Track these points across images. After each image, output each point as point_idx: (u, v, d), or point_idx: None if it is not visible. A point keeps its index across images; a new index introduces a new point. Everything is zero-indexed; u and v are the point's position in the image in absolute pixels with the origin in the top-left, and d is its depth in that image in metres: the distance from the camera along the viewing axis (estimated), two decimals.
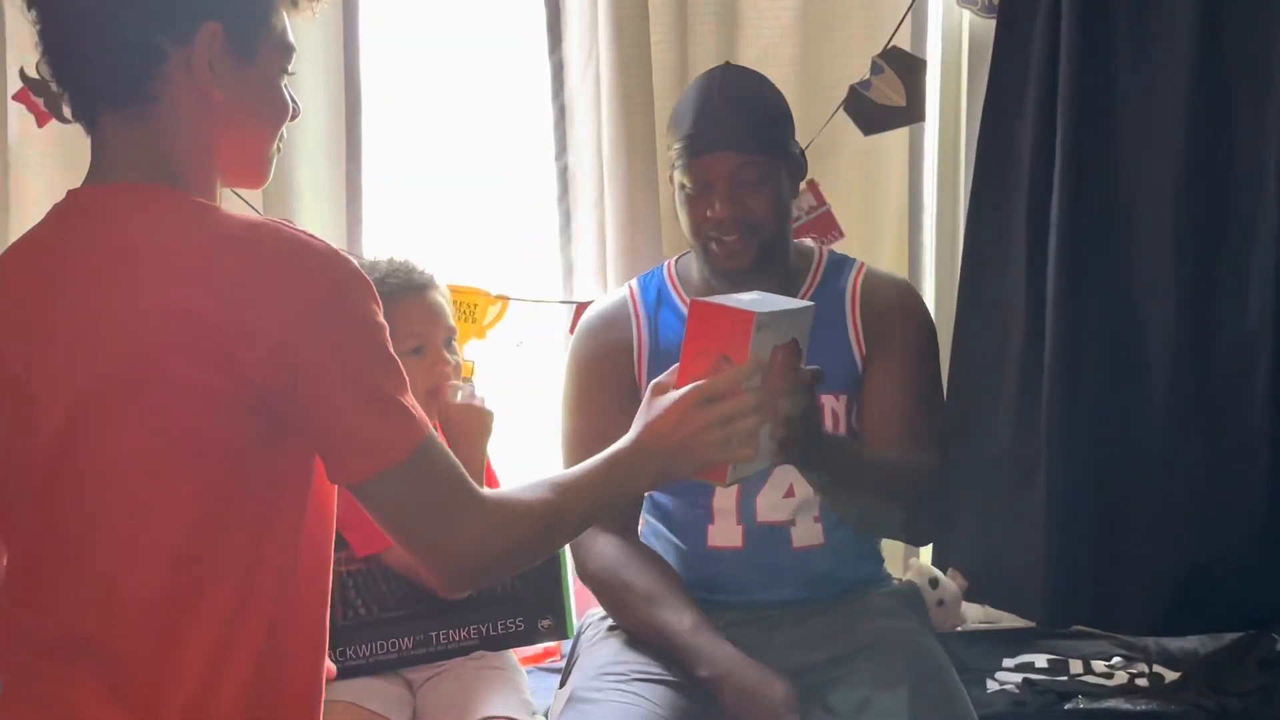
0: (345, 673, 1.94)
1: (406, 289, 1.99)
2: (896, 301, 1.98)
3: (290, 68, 1.32)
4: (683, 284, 1.99)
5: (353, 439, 1.17)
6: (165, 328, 1.13)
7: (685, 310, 1.94)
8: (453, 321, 2.04)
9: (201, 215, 1.21)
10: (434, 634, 1.98)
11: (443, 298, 2.04)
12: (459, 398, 1.94)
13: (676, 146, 1.89)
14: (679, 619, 1.78)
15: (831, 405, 1.91)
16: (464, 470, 1.24)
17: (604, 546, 1.88)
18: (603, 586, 1.89)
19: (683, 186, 1.88)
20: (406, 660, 1.98)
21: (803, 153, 1.96)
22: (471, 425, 1.93)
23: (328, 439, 1.18)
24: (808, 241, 2.05)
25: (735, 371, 1.39)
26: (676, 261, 2.03)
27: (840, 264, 2.01)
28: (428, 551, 1.24)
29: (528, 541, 1.29)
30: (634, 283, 2.04)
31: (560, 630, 2.03)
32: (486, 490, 1.27)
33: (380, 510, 1.22)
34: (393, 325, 1.91)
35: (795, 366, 1.49)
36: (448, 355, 1.99)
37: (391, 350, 1.21)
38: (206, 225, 1.19)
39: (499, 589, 2.01)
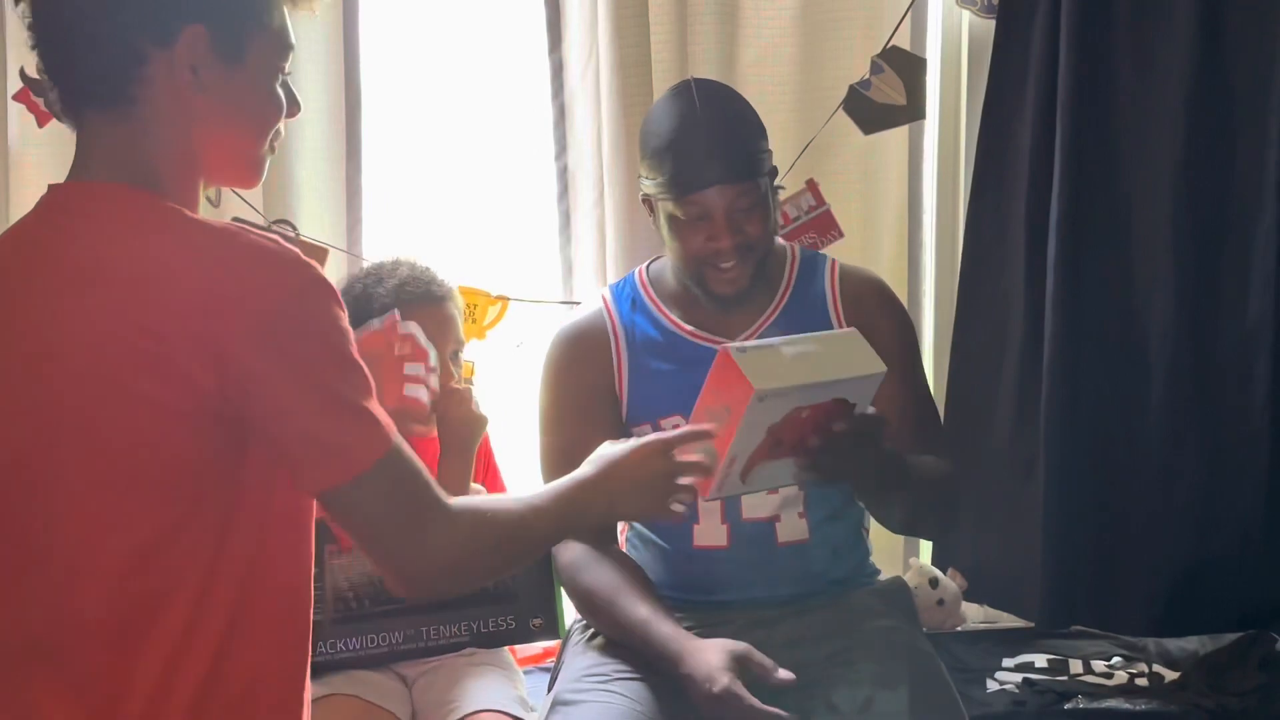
0: (333, 666, 1.94)
1: (425, 299, 1.99)
2: (877, 302, 1.98)
3: (289, 67, 1.29)
4: (656, 290, 1.98)
5: (317, 447, 1.16)
6: (121, 340, 1.12)
7: (658, 314, 1.95)
8: (462, 334, 2.04)
9: (166, 222, 1.19)
10: (424, 629, 1.97)
11: (457, 310, 2.04)
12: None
13: (660, 180, 1.85)
14: (634, 614, 1.79)
15: None
16: (430, 477, 1.23)
17: (570, 554, 1.89)
18: (571, 592, 1.91)
19: (674, 218, 1.86)
20: (396, 655, 1.97)
21: (771, 156, 1.94)
22: (467, 430, 1.94)
23: (292, 448, 1.17)
24: (778, 240, 2.04)
25: (694, 431, 1.47)
26: (647, 268, 2.02)
27: (812, 262, 2.00)
28: (392, 558, 1.23)
29: (491, 552, 1.29)
30: (605, 292, 2.02)
31: (551, 630, 2.03)
32: (454, 499, 1.26)
33: (346, 516, 1.21)
34: None
35: (841, 418, 1.54)
36: (452, 369, 1.99)
37: (357, 355, 1.19)
38: (169, 233, 1.18)
39: (491, 586, 2.00)
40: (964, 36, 2.47)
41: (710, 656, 1.67)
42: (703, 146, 1.83)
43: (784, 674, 1.65)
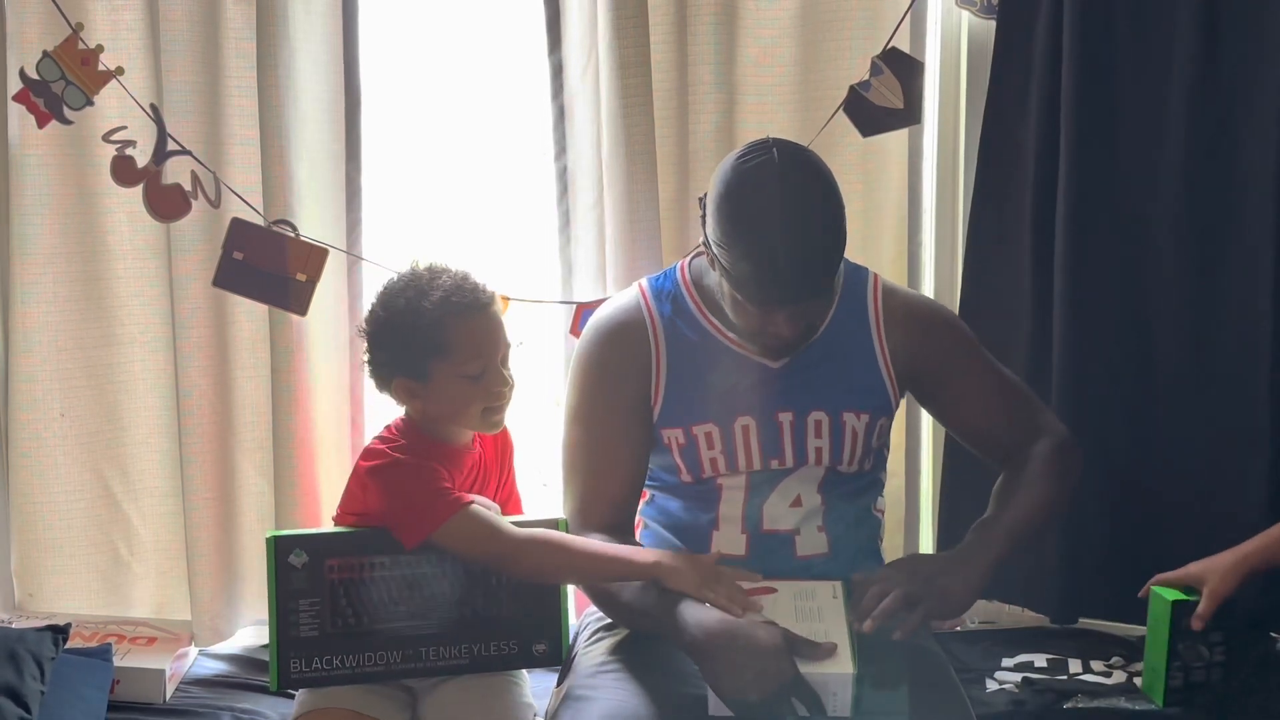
0: (330, 680, 1.92)
1: (473, 308, 1.91)
2: (924, 323, 1.93)
3: None
4: (698, 291, 1.91)
5: None
6: None
7: (701, 319, 1.89)
8: (509, 335, 1.98)
9: None
10: (423, 649, 1.94)
11: (500, 312, 1.98)
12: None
13: (733, 274, 1.71)
14: (645, 594, 1.76)
15: (852, 423, 1.87)
16: None
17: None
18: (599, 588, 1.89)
19: (738, 300, 1.75)
20: (393, 673, 1.94)
21: None
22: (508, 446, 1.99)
23: None
24: None
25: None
26: (689, 264, 1.95)
27: (855, 276, 1.94)
28: None
29: None
30: (645, 285, 1.95)
31: (555, 656, 1.98)
32: None
33: None
34: (457, 344, 1.88)
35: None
36: (505, 375, 1.94)
37: None
38: None
39: (495, 609, 1.97)
40: (963, 37, 2.47)
41: (764, 631, 1.64)
42: (789, 266, 1.67)
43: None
